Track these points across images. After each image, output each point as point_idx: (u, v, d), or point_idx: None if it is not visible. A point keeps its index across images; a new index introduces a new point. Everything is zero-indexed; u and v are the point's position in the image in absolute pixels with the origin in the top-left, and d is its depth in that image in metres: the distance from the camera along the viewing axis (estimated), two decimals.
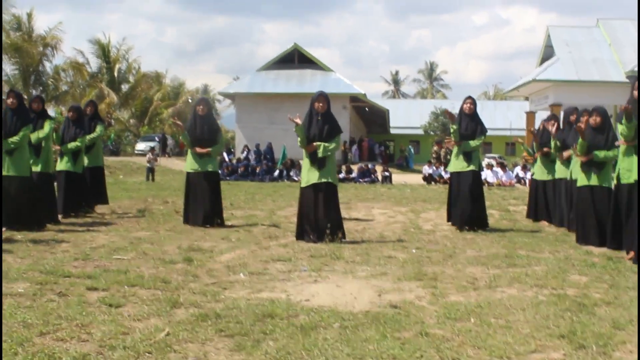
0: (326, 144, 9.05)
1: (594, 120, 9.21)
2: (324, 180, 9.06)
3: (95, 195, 12.72)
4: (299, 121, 9.15)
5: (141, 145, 46.96)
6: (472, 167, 10.67)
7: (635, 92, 7.95)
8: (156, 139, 47.77)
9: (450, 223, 11.09)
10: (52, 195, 10.84)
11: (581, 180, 9.31)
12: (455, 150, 10.86)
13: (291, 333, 4.53)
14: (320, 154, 9.06)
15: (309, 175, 9.12)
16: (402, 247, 8.73)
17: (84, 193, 12.10)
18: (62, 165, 11.66)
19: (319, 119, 9.17)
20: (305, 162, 9.22)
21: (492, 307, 5.35)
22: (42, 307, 5.06)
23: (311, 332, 4.57)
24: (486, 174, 25.97)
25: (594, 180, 9.15)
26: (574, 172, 10.08)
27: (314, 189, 9.08)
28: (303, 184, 9.21)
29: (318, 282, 6.37)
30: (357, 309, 5.29)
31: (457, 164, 10.77)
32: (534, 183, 12.39)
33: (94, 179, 12.72)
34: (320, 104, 9.22)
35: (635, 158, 7.97)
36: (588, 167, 9.22)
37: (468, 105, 10.88)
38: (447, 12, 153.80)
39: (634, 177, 7.93)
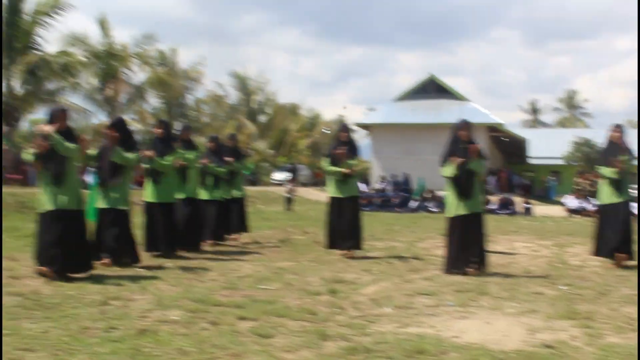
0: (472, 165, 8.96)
1: None
2: (473, 211, 8.92)
3: (237, 224, 13.04)
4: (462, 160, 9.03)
5: (278, 175, 47.92)
6: (624, 198, 10.23)
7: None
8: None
9: (597, 256, 10.60)
10: (197, 221, 11.16)
11: None
12: (605, 181, 10.42)
13: None
14: (477, 168, 8.94)
15: (457, 206, 8.99)
16: (550, 283, 8.42)
17: (227, 222, 12.44)
18: (203, 194, 12.01)
19: (462, 147, 9.05)
20: (450, 193, 9.10)
21: None
22: (196, 335, 5.20)
23: None
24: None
25: None
26: None
27: (462, 220, 8.94)
28: (450, 214, 9.07)
29: (465, 318, 6.23)
30: (509, 347, 5.13)
31: (609, 195, 10.32)
32: None
33: (237, 208, 13.03)
34: (465, 132, 9.11)
35: None
36: None
37: (617, 133, 10.42)
38: (587, 37, 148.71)
39: None
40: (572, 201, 27.92)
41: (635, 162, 10.39)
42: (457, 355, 4.83)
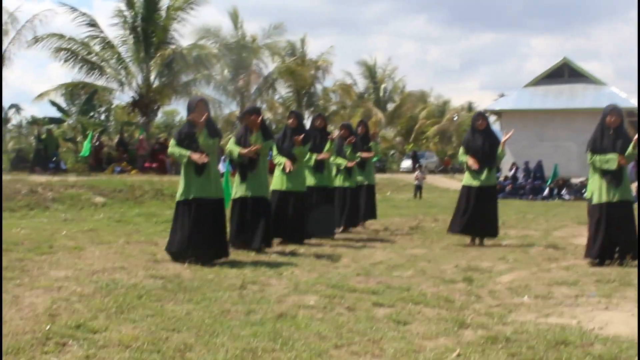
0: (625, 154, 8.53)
1: None
2: (618, 198, 8.55)
3: (366, 212, 13.06)
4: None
5: (407, 163, 47.73)
6: None
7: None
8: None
9: None
10: (331, 208, 11.22)
11: None
12: None
13: None
14: (629, 158, 8.55)
15: (601, 193, 8.62)
16: None
17: (358, 209, 12.48)
18: (337, 181, 12.05)
19: (611, 134, 8.66)
20: (595, 179, 8.71)
21: None
22: (333, 320, 5.25)
23: None
24: None
25: None
26: None
27: (607, 207, 8.57)
28: (595, 201, 8.70)
29: (609, 309, 5.99)
30: None
31: None
32: None
33: (366, 196, 13.04)
34: (613, 118, 8.71)
35: None
36: None
37: None
38: None
39: None
40: None
41: None
42: (602, 347, 4.65)
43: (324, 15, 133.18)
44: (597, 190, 8.66)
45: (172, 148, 8.18)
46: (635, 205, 8.98)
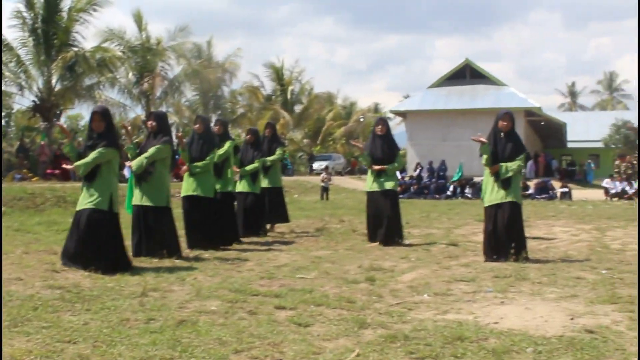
0: (508, 164, 8.84)
1: None
2: (508, 199, 8.84)
3: (275, 215, 13.04)
4: (484, 139, 8.98)
5: (315, 165, 47.99)
6: None
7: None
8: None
9: None
10: (232, 214, 11.16)
11: None
12: None
13: (483, 357, 4.40)
14: (501, 175, 8.86)
15: (492, 194, 8.93)
16: (591, 267, 8.32)
17: (263, 213, 12.43)
18: (240, 186, 11.98)
19: (503, 138, 8.96)
20: (488, 181, 9.03)
21: None
22: (234, 325, 5.22)
23: (504, 356, 4.42)
24: None
25: None
26: None
27: (498, 208, 8.87)
28: (486, 203, 9.02)
29: (505, 303, 6.18)
30: (550, 333, 5.07)
31: None
32: None
33: (274, 199, 13.01)
34: (505, 123, 9.01)
35: None
36: None
37: None
38: (629, 17, 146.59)
39: None
40: (611, 184, 27.53)
41: None
42: (497, 341, 4.78)
43: (231, 17, 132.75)
44: (488, 191, 8.96)
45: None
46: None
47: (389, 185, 10.67)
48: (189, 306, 5.91)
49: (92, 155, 7.78)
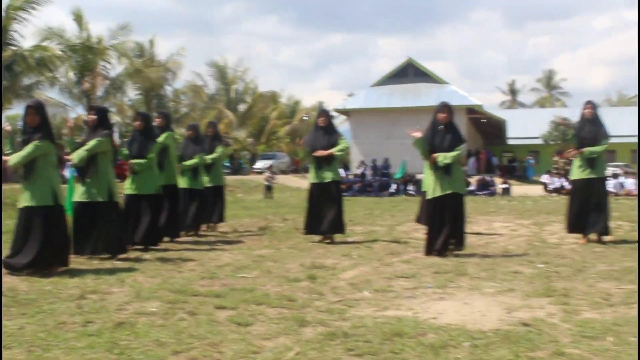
0: (445, 154, 8.95)
1: None
2: (450, 191, 8.95)
3: (216, 214, 12.98)
4: (417, 134, 9.08)
5: (259, 164, 47.88)
6: (595, 174, 10.30)
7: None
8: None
9: (571, 233, 10.67)
10: (175, 208, 11.08)
11: None
12: (577, 157, 10.51)
13: (421, 352, 4.45)
14: (439, 163, 8.95)
15: (434, 187, 9.02)
16: (528, 261, 8.49)
17: (205, 210, 12.38)
18: (182, 182, 11.89)
19: (442, 130, 9.08)
20: (428, 174, 9.14)
21: (630, 325, 5.10)
22: (174, 326, 5.17)
23: (441, 351, 4.47)
24: (611, 184, 25.03)
25: None
26: None
27: (440, 200, 8.97)
28: (429, 196, 9.11)
29: (444, 299, 6.26)
30: (487, 327, 5.15)
31: (580, 172, 10.42)
32: None
33: (215, 197, 12.94)
34: (444, 115, 9.12)
35: None
36: None
37: (588, 110, 10.52)
38: (566, 17, 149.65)
39: None
40: (550, 180, 28.09)
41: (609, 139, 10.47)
42: (434, 336, 4.84)
43: (174, 15, 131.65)
44: (431, 185, 9.06)
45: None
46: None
47: (330, 177, 10.68)
48: (128, 308, 5.84)
49: (28, 148, 7.64)
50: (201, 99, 53.78)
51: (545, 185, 28.30)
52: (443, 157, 8.95)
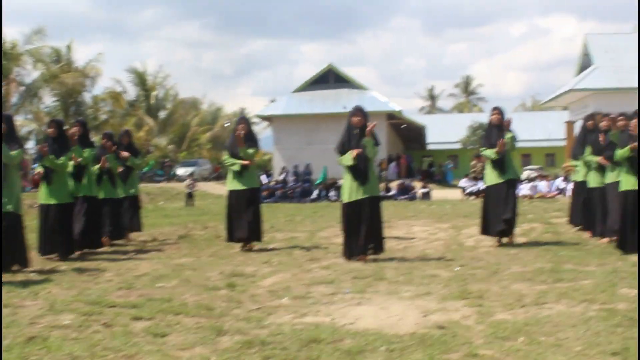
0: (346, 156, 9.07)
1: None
2: (367, 195, 9.04)
3: (132, 223, 12.80)
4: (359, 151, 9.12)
5: (180, 171, 47.36)
6: (506, 177, 10.56)
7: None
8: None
9: (487, 235, 10.94)
10: (95, 218, 10.85)
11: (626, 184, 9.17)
12: (488, 162, 10.81)
13: (337, 358, 4.48)
14: (369, 154, 9.04)
15: (351, 192, 9.09)
16: (445, 265, 8.64)
17: (123, 219, 12.21)
18: (101, 193, 11.65)
19: (356, 133, 9.16)
20: (347, 179, 9.21)
21: (540, 325, 5.25)
22: (88, 338, 5.07)
23: (357, 356, 4.51)
24: (524, 187, 25.76)
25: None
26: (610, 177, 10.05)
27: (357, 205, 9.05)
28: (346, 200, 9.19)
29: (362, 304, 6.32)
30: (403, 330, 5.22)
31: (493, 176, 10.67)
32: None
33: (131, 206, 12.76)
34: (358, 119, 9.21)
35: None
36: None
37: (495, 115, 10.80)
38: (484, 24, 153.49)
39: None
40: (467, 184, 28.66)
41: (517, 143, 10.74)
42: (351, 341, 4.88)
43: (92, 20, 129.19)
44: (347, 189, 9.14)
45: None
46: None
47: (250, 184, 10.68)
48: (41, 321, 5.70)
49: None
50: (121, 106, 52.95)
51: (463, 189, 28.85)
52: (371, 149, 9.05)
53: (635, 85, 33.25)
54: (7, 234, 8.36)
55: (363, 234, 8.99)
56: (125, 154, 12.32)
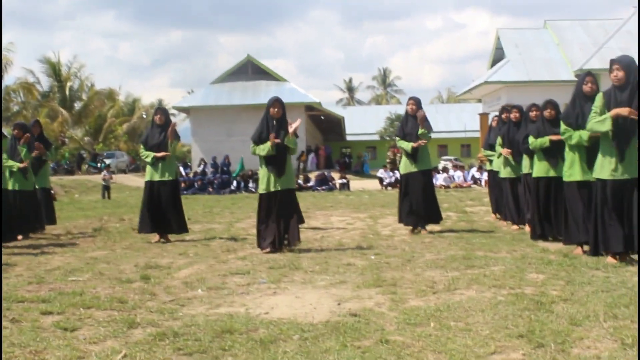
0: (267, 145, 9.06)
1: (549, 113, 9.34)
2: (282, 187, 9.05)
3: (46, 216, 12.53)
4: (278, 141, 9.08)
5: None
6: (420, 167, 10.77)
7: (586, 87, 8.08)
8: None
9: (403, 224, 11.13)
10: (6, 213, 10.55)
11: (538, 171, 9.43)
12: (403, 153, 11.03)
13: (250, 348, 4.47)
14: (291, 144, 9.06)
15: (267, 183, 9.09)
16: (361, 254, 8.72)
17: (38, 212, 11.94)
18: (12, 184, 11.36)
19: (275, 124, 9.15)
20: (263, 171, 9.20)
21: (451, 310, 5.36)
22: None
23: (271, 345, 4.52)
24: (440, 177, 26.22)
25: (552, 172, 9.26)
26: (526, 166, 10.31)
27: (273, 196, 9.05)
28: (261, 191, 9.18)
29: (277, 294, 6.33)
30: (317, 319, 5.25)
31: (408, 165, 10.87)
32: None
33: (43, 200, 12.48)
34: (276, 110, 9.19)
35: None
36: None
37: (410, 106, 11.01)
38: (401, 18, 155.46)
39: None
40: (385, 174, 29.01)
41: (431, 134, 10.94)
42: (265, 331, 4.88)
43: (3, 7, 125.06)
44: (264, 180, 9.13)
45: None
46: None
47: (167, 175, 10.59)
48: None
49: None
50: (33, 97, 51.52)
51: (381, 179, 29.19)
52: (292, 141, 9.06)
53: (544, 78, 34.30)
54: None
55: (279, 224, 9.00)
56: (40, 146, 11.99)
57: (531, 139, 9.42)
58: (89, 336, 4.84)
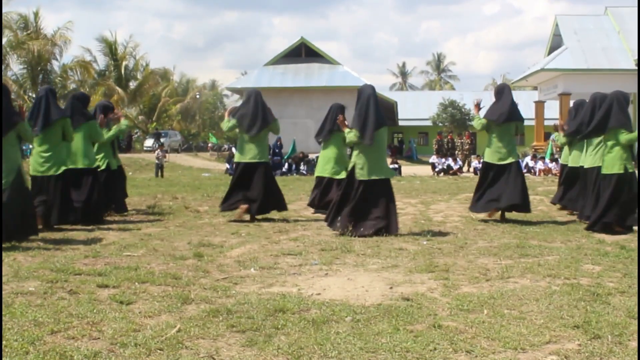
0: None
1: None
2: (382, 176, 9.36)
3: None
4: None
5: (150, 142, 47.04)
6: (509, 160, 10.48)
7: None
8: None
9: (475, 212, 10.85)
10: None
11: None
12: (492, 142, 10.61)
13: (303, 327, 4.49)
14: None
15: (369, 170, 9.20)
16: (413, 239, 8.68)
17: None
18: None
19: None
20: (323, 154, 9.32)
21: (505, 298, 5.31)
22: (52, 305, 5.03)
23: (323, 326, 4.53)
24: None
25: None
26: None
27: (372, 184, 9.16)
28: (318, 173, 9.29)
29: (329, 275, 6.34)
30: (369, 302, 5.25)
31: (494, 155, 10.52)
32: None
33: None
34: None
35: None
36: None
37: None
38: (457, 2, 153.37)
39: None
40: (437, 160, 28.80)
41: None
42: (317, 311, 4.90)
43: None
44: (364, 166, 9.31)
45: None
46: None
47: (260, 158, 10.73)
48: (5, 288, 5.64)
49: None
50: (90, 75, 52.26)
51: (433, 165, 28.99)
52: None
53: (603, 66, 33.59)
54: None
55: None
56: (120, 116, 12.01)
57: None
58: (144, 310, 4.91)
